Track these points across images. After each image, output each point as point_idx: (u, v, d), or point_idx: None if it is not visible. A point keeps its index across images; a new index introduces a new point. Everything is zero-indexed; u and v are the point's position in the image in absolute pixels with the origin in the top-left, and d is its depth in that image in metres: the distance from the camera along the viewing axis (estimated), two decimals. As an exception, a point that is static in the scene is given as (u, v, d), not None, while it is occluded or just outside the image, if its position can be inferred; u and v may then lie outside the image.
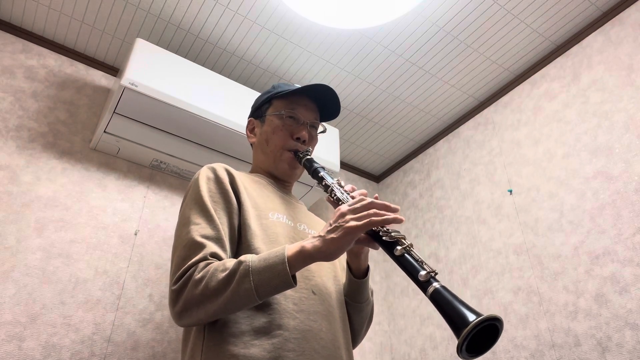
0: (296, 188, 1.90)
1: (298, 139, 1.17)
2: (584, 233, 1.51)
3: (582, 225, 1.53)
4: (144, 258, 1.62)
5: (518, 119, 1.89)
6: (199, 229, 0.94)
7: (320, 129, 1.26)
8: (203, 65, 1.90)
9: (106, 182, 1.68)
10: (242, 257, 0.88)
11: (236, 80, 1.97)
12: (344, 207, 0.89)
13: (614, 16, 1.66)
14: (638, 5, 1.60)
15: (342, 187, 1.03)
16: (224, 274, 0.86)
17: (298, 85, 1.21)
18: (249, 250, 0.96)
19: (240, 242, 0.99)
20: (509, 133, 1.91)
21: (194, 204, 0.99)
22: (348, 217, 0.86)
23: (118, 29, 1.76)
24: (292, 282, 0.85)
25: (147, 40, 1.79)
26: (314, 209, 2.22)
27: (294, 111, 1.18)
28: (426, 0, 1.64)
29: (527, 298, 1.61)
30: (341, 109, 2.10)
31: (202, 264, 0.89)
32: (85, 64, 1.86)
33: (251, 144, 1.27)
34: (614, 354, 1.33)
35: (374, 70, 1.94)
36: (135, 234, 1.64)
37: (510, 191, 1.81)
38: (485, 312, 0.72)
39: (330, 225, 0.88)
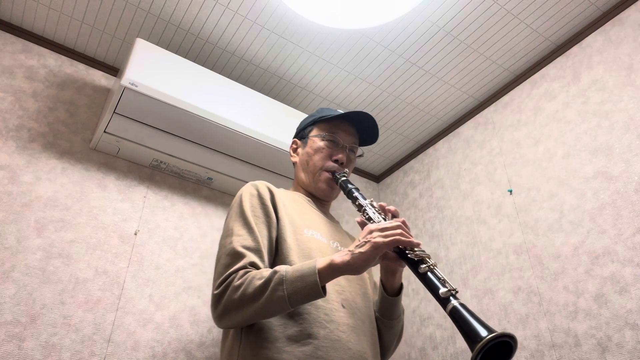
0: (296, 188, 1.91)
1: (336, 160, 1.25)
2: (584, 233, 1.51)
3: (582, 225, 1.53)
4: (144, 258, 1.62)
5: (518, 119, 1.89)
6: (241, 240, 1.03)
7: (358, 152, 1.34)
8: (203, 65, 1.90)
9: (106, 182, 1.68)
10: (277, 267, 0.95)
11: (236, 80, 1.97)
12: (372, 225, 0.96)
13: (614, 16, 1.66)
14: (638, 5, 1.60)
15: (374, 207, 1.09)
16: (260, 282, 0.93)
17: (341, 111, 1.31)
18: (284, 262, 1.04)
19: (277, 254, 1.08)
20: (509, 133, 1.91)
21: (237, 217, 1.09)
22: (375, 233, 0.94)
23: (118, 29, 1.76)
24: (321, 292, 0.91)
25: (147, 40, 1.79)
26: (314, 209, 2.22)
27: (335, 135, 1.27)
28: (426, 0, 1.64)
29: (527, 298, 1.61)
30: (341, 109, 2.12)
31: (241, 272, 0.97)
32: (85, 64, 1.86)
33: (293, 163, 1.35)
34: (614, 354, 1.33)
35: (374, 70, 1.94)
36: (135, 234, 1.64)
37: (510, 191, 1.81)
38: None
39: (359, 241, 0.95)
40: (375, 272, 1.16)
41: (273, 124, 1.78)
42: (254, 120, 1.73)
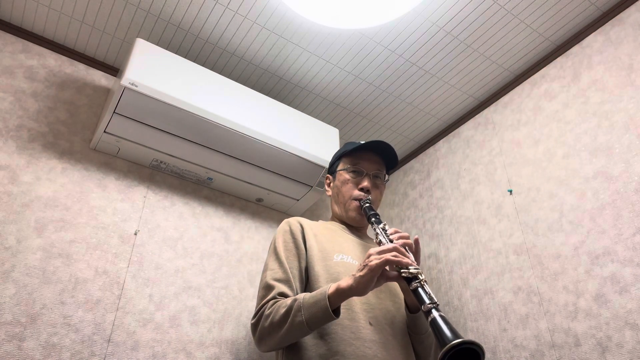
0: (296, 189, 1.90)
1: (362, 188, 1.37)
2: (584, 233, 1.51)
3: (582, 225, 1.53)
4: (144, 258, 1.62)
5: (518, 119, 1.89)
6: (272, 274, 1.20)
7: (385, 177, 1.45)
8: (203, 65, 1.90)
9: (106, 182, 1.68)
10: (298, 295, 1.09)
11: (236, 80, 1.97)
12: (372, 250, 1.05)
13: (614, 16, 1.66)
14: (638, 5, 1.60)
15: (385, 231, 1.19)
16: (284, 310, 1.07)
17: (363, 142, 1.42)
18: (314, 288, 1.17)
19: (307, 281, 1.22)
20: (509, 133, 1.91)
21: (272, 252, 1.27)
22: (372, 257, 1.03)
23: (118, 29, 1.76)
24: (332, 315, 1.01)
25: (147, 40, 1.79)
26: (314, 209, 2.22)
27: (357, 165, 1.40)
28: (426, 0, 1.64)
29: (527, 298, 1.61)
30: (341, 108, 2.13)
31: (271, 302, 1.13)
32: (85, 64, 1.86)
33: (329, 197, 1.48)
34: (614, 354, 1.33)
35: (374, 70, 1.94)
36: (135, 234, 1.64)
37: (510, 191, 1.81)
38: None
39: (361, 265, 1.04)
40: None
41: (273, 124, 1.78)
42: (254, 120, 1.73)
